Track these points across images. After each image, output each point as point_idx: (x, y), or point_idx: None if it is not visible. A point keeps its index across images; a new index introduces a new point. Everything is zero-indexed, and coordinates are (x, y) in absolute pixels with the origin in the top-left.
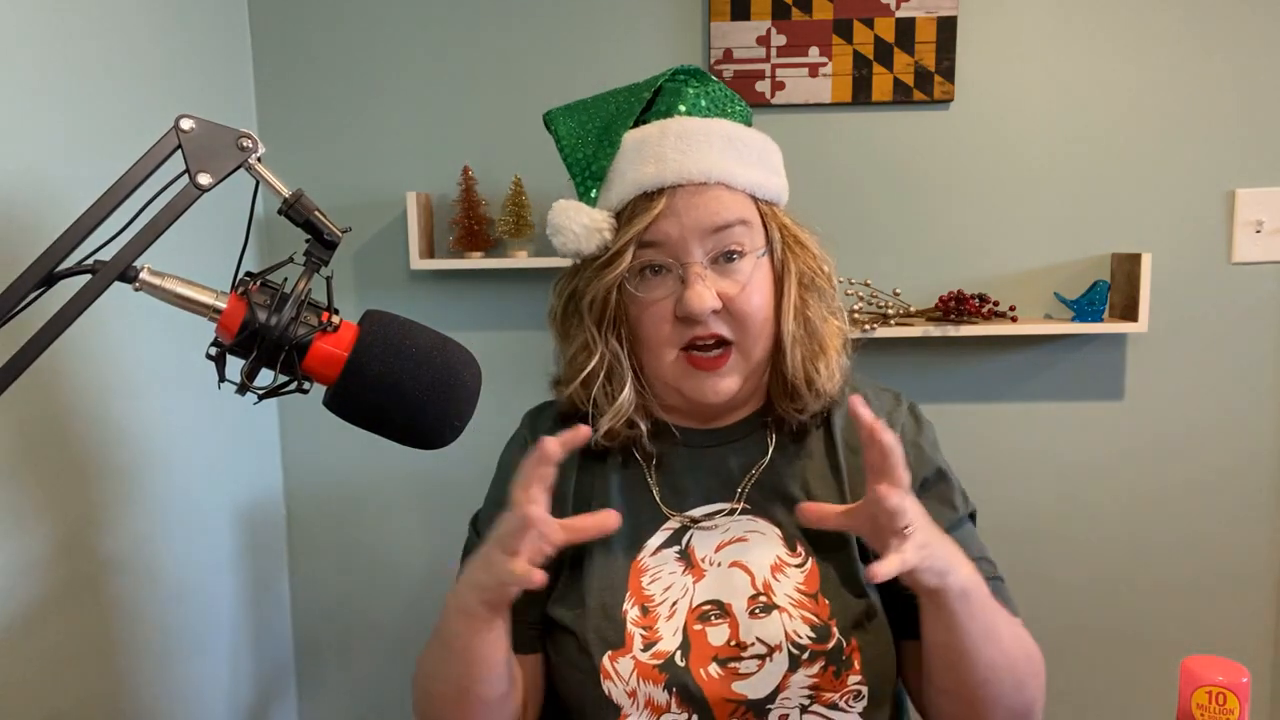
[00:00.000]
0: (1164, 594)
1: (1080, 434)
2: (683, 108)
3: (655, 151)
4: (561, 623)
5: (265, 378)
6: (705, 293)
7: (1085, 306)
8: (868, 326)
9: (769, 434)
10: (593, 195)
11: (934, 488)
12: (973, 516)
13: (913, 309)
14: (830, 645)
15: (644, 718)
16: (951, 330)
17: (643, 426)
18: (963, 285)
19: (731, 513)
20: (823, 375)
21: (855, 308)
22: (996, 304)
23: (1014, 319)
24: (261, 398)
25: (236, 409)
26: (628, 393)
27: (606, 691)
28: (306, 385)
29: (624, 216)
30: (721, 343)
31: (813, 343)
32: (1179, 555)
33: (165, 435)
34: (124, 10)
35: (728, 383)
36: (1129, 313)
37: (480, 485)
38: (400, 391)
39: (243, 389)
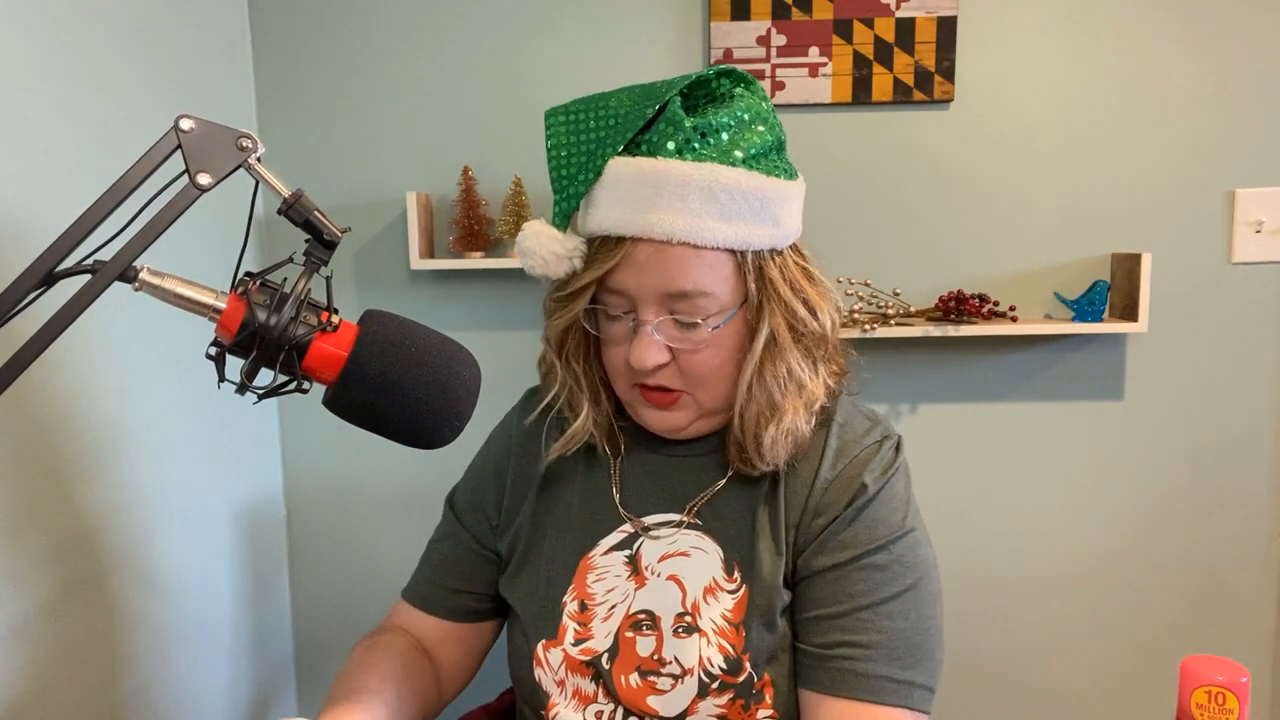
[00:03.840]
0: (1164, 594)
1: (1080, 434)
2: (671, 146)
3: (627, 195)
4: (510, 602)
5: (265, 377)
6: (650, 350)
7: (1085, 306)
8: (868, 326)
9: (731, 456)
10: (566, 219)
11: (867, 559)
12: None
13: (913, 309)
14: (740, 679)
15: (572, 706)
16: (951, 330)
17: (598, 437)
18: (963, 285)
19: (680, 525)
20: (767, 441)
21: (855, 308)
22: (996, 304)
23: (1014, 319)
24: (261, 398)
25: (236, 409)
26: (581, 421)
27: (537, 679)
28: (306, 385)
29: (591, 250)
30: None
31: (766, 407)
32: (1179, 555)
33: (165, 435)
34: (124, 10)
35: (678, 419)
36: (1129, 313)
37: None
38: (400, 391)
39: (242, 389)
